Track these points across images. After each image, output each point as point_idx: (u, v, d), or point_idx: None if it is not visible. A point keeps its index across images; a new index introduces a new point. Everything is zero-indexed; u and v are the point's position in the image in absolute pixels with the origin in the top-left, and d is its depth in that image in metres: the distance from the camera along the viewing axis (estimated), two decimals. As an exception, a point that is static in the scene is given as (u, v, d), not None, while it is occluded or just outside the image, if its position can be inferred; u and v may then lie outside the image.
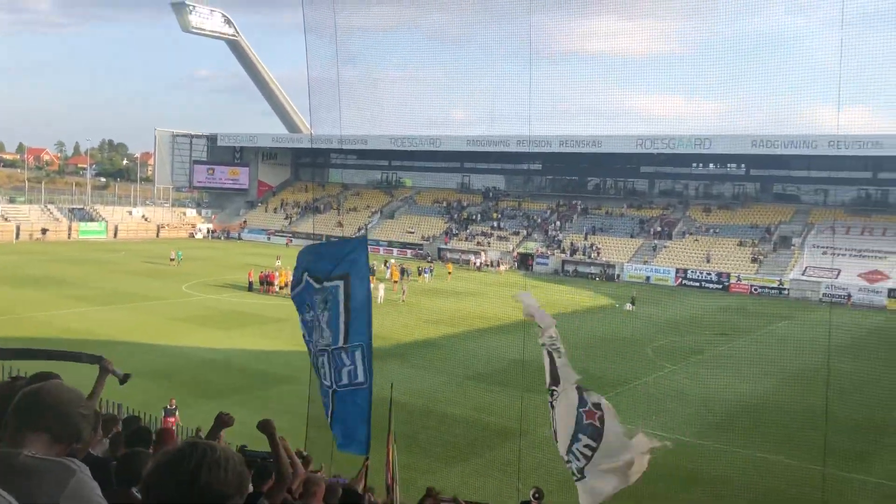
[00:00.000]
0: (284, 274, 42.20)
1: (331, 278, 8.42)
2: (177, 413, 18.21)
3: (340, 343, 8.31)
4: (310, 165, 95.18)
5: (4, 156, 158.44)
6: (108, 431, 7.67)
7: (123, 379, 5.79)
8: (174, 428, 14.75)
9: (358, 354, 8.30)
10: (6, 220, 70.56)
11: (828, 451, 14.31)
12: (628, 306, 42.73)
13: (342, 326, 8.31)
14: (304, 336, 9.05)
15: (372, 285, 10.00)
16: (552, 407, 8.61)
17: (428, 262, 62.37)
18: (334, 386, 8.42)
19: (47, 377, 3.55)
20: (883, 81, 68.85)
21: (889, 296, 50.09)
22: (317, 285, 8.51)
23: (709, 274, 57.01)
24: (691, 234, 63.49)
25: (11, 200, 79.52)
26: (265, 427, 5.15)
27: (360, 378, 8.33)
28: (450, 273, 56.02)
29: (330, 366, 8.43)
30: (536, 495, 12.58)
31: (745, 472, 17.68)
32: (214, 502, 1.95)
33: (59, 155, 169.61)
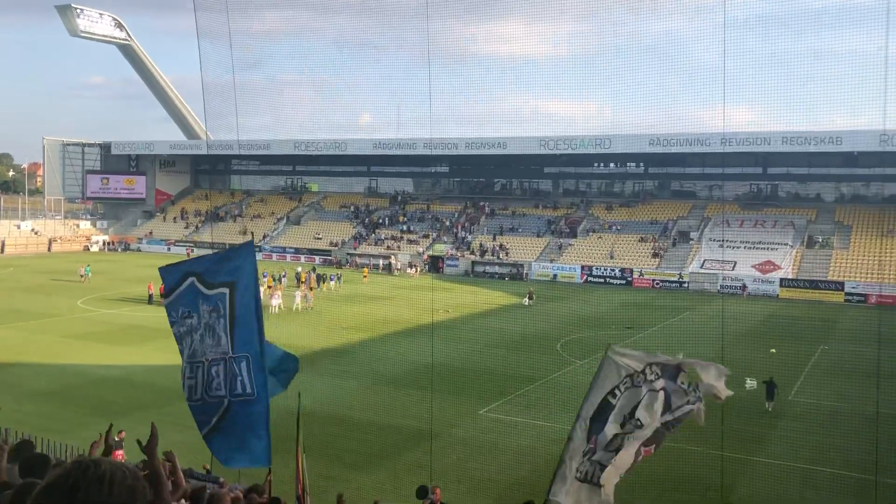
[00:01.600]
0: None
1: (217, 285, 8.17)
2: (123, 445, 16.68)
3: (230, 352, 8.05)
4: (210, 172, 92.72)
5: None
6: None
7: None
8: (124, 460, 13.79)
9: (244, 365, 8.01)
10: None
11: (726, 436, 14.85)
12: (526, 301, 45.02)
13: (228, 335, 8.06)
14: (179, 345, 8.63)
15: (289, 293, 9.96)
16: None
17: (335, 268, 61.73)
18: (228, 396, 8.09)
19: None
20: (766, 82, 72.42)
21: (781, 285, 52.69)
22: (206, 291, 8.20)
23: (613, 270, 58.58)
24: (595, 231, 65.11)
25: None
26: (146, 446, 4.79)
27: (248, 390, 7.99)
28: (365, 277, 55.86)
29: (226, 375, 8.11)
30: (423, 493, 12.62)
31: (652, 463, 18.15)
32: None
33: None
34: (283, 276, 49.51)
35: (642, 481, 17.02)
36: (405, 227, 71.13)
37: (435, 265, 64.09)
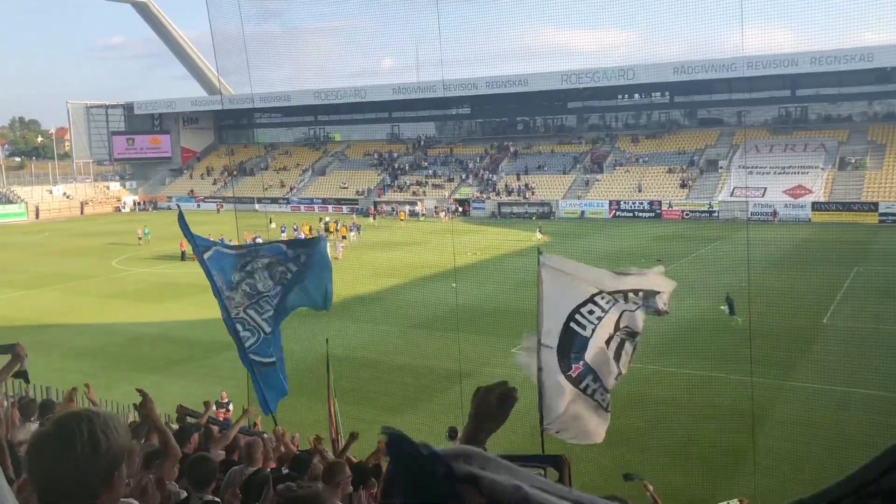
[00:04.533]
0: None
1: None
2: (230, 406, 16.57)
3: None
4: (233, 127, 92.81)
5: None
6: (31, 415, 7.44)
7: (18, 374, 5.50)
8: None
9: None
10: (-83, 210, 67.20)
11: (755, 363, 14.85)
12: (538, 235, 46.42)
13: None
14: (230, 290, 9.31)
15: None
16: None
17: (358, 216, 61.73)
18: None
19: None
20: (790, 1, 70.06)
21: (813, 209, 51.89)
22: (290, 251, 10.23)
23: (641, 203, 58.07)
24: (621, 165, 64.35)
25: (-80, 189, 75.64)
26: (140, 407, 4.92)
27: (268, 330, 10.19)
28: (402, 221, 57.90)
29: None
30: (451, 435, 12.87)
31: (685, 391, 18.28)
32: (119, 461, 1.99)
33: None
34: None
35: (669, 409, 17.18)
36: (430, 172, 70.88)
37: (462, 208, 64.02)
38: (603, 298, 8.54)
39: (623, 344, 8.65)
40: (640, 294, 8.54)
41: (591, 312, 8.54)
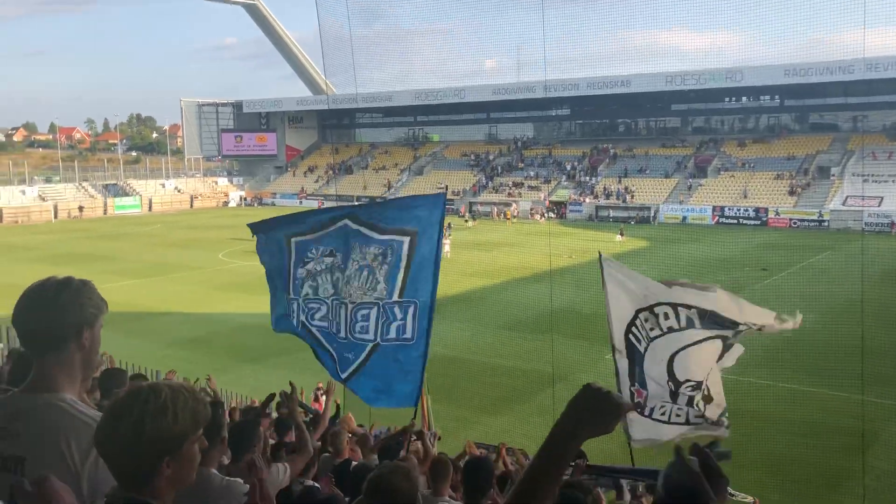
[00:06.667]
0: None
1: (392, 231, 8.19)
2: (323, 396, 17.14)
3: (395, 297, 8.15)
4: (336, 126, 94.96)
5: (38, 137, 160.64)
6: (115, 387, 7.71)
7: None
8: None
9: (410, 310, 8.13)
10: (44, 199, 71.84)
11: (867, 380, 14.08)
12: (619, 237, 45.72)
13: (399, 282, 8.13)
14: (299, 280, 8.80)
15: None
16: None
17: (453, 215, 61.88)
18: (378, 340, 8.25)
19: None
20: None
21: (934, 220, 48.86)
22: (375, 235, 8.26)
23: (746, 210, 56.08)
24: (727, 170, 62.32)
25: (48, 180, 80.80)
26: (285, 400, 5.09)
27: (408, 335, 8.18)
28: (509, 219, 58.99)
29: (377, 319, 8.23)
30: None
31: (786, 406, 17.51)
32: (171, 447, 1.92)
33: (89, 133, 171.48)
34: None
35: (766, 424, 16.49)
36: (528, 174, 70.54)
37: (557, 210, 63.41)
38: (660, 312, 7.94)
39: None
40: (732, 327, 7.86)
41: (646, 321, 8.00)
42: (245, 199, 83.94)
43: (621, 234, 46.80)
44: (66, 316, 2.22)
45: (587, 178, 67.12)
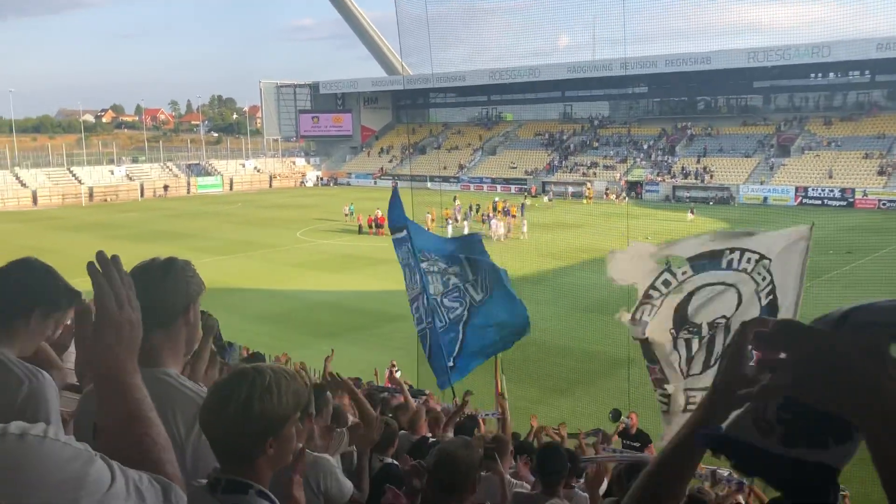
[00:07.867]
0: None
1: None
2: (398, 373, 16.86)
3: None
4: (410, 107, 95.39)
5: (125, 118, 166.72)
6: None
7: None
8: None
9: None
10: (131, 179, 74.71)
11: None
12: (689, 215, 46.25)
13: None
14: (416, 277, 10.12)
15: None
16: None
17: (525, 196, 60.75)
18: (426, 326, 9.99)
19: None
20: None
21: None
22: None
23: (831, 190, 54.04)
24: (811, 149, 60.10)
25: (134, 160, 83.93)
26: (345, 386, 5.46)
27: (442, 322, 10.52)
28: (589, 199, 59.10)
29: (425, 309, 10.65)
30: (615, 416, 12.65)
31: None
32: (276, 427, 1.98)
33: (173, 114, 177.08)
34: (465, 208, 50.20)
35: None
36: (603, 153, 69.50)
37: (633, 191, 62.34)
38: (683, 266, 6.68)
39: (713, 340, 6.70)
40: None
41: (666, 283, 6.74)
42: (322, 178, 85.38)
43: (691, 213, 47.00)
44: (175, 294, 2.39)
45: (664, 157, 65.74)
